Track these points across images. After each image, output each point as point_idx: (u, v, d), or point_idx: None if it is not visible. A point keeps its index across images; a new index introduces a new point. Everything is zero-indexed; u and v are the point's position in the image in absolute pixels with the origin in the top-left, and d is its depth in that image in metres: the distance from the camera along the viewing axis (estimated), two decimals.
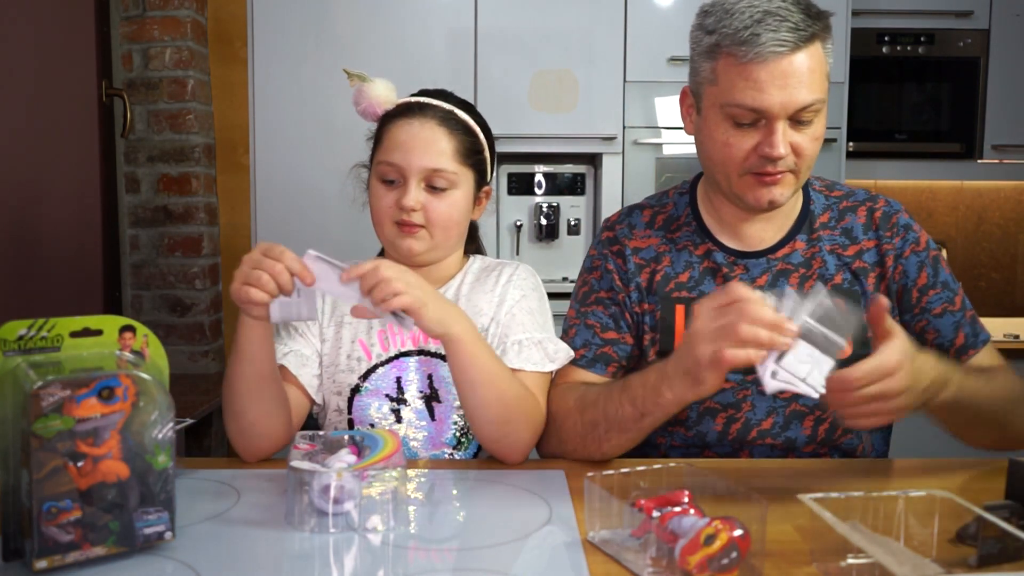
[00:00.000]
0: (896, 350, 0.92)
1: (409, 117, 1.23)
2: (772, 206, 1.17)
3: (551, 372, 1.24)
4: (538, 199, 2.83)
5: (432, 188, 1.22)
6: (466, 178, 1.25)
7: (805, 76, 1.09)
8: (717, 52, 1.12)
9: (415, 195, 1.21)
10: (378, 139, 1.26)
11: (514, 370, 1.19)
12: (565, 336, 1.29)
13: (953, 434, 1.18)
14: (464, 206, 1.26)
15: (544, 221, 2.79)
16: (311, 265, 1.03)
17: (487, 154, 1.30)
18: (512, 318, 1.25)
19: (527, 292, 1.28)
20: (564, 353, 1.24)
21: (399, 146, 1.22)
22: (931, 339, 1.23)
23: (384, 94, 1.25)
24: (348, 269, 1.03)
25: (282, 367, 1.21)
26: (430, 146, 1.22)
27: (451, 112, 1.25)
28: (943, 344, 1.23)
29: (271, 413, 1.15)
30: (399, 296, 1.02)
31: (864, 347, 1.09)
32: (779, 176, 1.14)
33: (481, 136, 1.28)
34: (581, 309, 1.30)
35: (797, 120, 1.12)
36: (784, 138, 1.11)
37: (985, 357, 1.24)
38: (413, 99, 1.27)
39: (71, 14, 2.35)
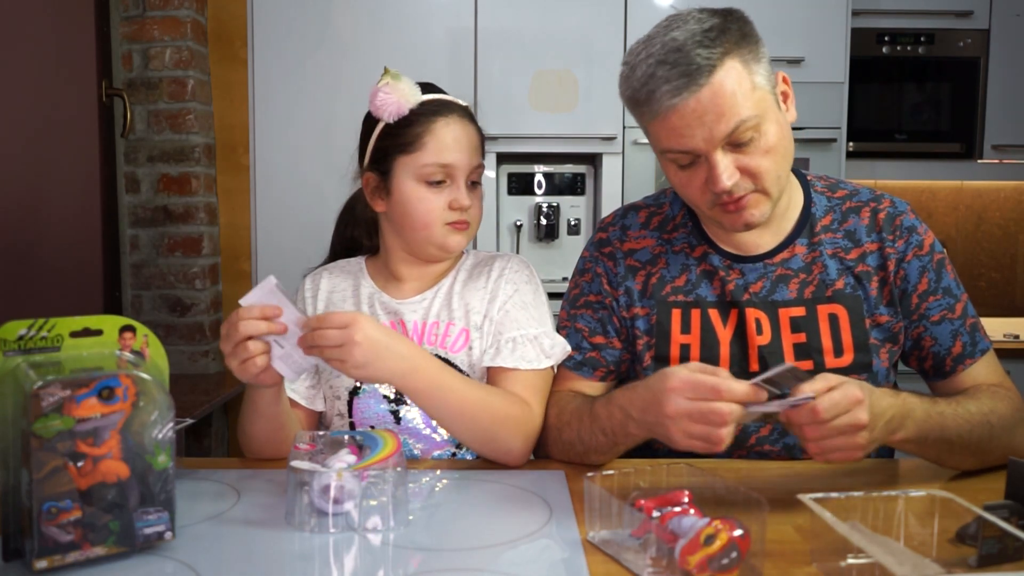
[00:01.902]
0: (854, 384, 0.93)
1: (446, 116, 1.23)
2: (750, 227, 1.14)
3: (550, 368, 1.23)
4: (538, 199, 2.83)
5: (471, 183, 1.26)
6: None
7: (723, 103, 1.04)
8: (631, 107, 1.12)
9: (467, 193, 1.24)
10: (410, 140, 1.22)
11: (509, 370, 1.19)
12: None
13: (930, 461, 1.11)
14: None
15: (544, 221, 2.79)
16: (266, 296, 1.02)
17: None
18: (506, 315, 1.24)
19: (520, 286, 1.27)
20: (561, 348, 1.24)
21: (448, 147, 1.22)
22: (928, 346, 1.21)
23: (412, 92, 1.23)
24: (319, 318, 1.02)
25: None
26: (472, 144, 1.25)
27: (467, 108, 1.28)
28: (940, 352, 1.21)
29: (289, 444, 1.16)
30: (343, 364, 1.02)
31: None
32: (744, 200, 1.10)
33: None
34: (571, 311, 1.30)
35: (735, 143, 1.07)
36: (727, 168, 1.07)
37: (982, 369, 1.20)
38: (441, 97, 1.26)
39: (71, 14, 2.34)
